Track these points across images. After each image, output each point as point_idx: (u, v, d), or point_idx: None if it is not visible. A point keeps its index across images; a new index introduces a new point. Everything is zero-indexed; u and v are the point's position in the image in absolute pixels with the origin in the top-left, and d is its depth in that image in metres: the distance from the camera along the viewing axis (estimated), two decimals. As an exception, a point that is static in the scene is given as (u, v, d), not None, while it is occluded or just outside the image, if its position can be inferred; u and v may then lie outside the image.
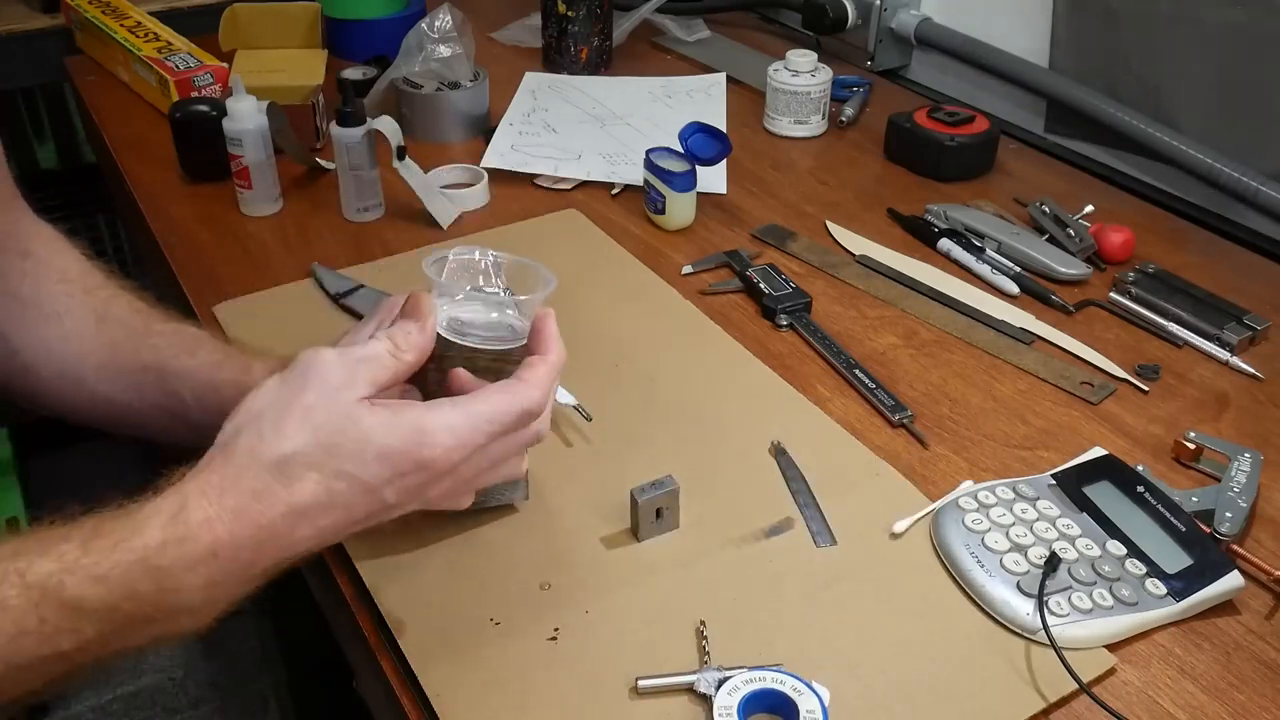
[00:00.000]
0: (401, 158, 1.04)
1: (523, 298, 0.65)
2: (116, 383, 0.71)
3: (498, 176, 1.12)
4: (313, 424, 0.53)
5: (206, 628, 0.54)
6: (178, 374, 0.70)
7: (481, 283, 0.67)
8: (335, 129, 1.02)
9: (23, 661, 0.48)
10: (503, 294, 0.66)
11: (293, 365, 0.56)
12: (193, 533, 0.51)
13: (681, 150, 1.05)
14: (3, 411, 1.58)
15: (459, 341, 0.63)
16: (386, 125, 1.03)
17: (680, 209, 1.05)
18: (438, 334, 0.61)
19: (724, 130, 1.17)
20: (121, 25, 1.37)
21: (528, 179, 1.14)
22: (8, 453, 1.64)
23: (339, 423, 0.54)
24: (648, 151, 1.06)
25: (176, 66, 1.26)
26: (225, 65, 1.29)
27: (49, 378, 0.71)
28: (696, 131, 1.06)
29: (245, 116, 1.02)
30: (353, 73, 1.30)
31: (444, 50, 1.20)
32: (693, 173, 1.04)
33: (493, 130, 1.21)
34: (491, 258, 0.67)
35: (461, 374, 0.61)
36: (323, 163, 1.13)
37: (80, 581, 0.49)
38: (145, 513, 0.52)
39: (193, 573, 0.51)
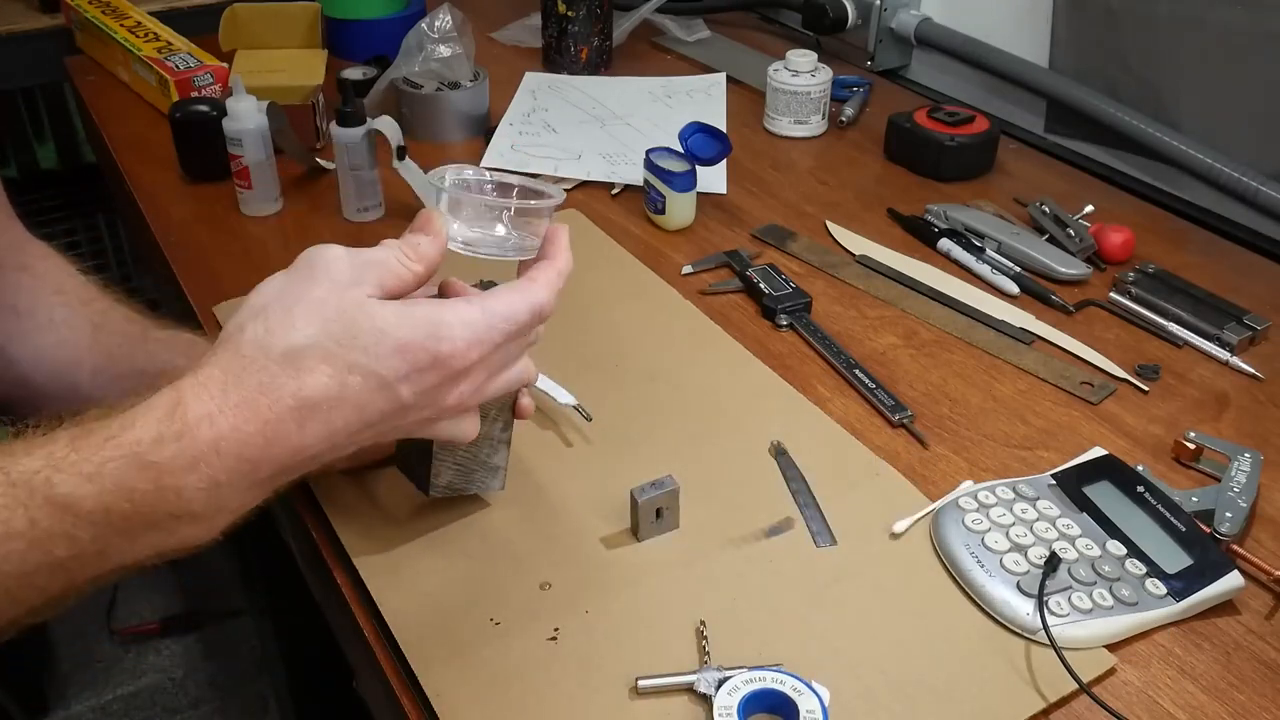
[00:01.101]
0: (401, 158, 1.04)
1: (531, 203, 0.63)
2: (112, 388, 0.70)
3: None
4: (323, 316, 0.51)
5: (212, 539, 0.50)
6: (173, 378, 0.70)
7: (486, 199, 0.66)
8: (335, 129, 1.02)
9: (14, 569, 0.45)
10: (510, 208, 0.65)
11: (298, 261, 0.54)
12: (190, 428, 0.48)
13: (681, 150, 1.05)
14: (3, 412, 1.57)
15: (471, 254, 0.62)
16: (386, 125, 1.03)
17: (680, 209, 1.05)
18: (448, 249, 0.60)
19: (724, 130, 1.17)
20: (121, 25, 1.37)
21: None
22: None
23: (352, 314, 0.51)
24: (648, 151, 1.06)
25: (176, 66, 1.26)
26: (225, 65, 1.29)
27: (43, 383, 0.71)
28: (696, 131, 1.06)
29: (245, 116, 1.02)
30: (353, 73, 1.30)
31: (444, 50, 1.20)
32: (693, 173, 1.04)
33: (493, 130, 1.21)
34: (489, 177, 0.66)
35: (455, 283, 0.60)
36: (323, 163, 1.13)
37: (70, 479, 0.46)
38: (137, 410, 0.48)
39: (193, 471, 0.48)
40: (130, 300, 0.76)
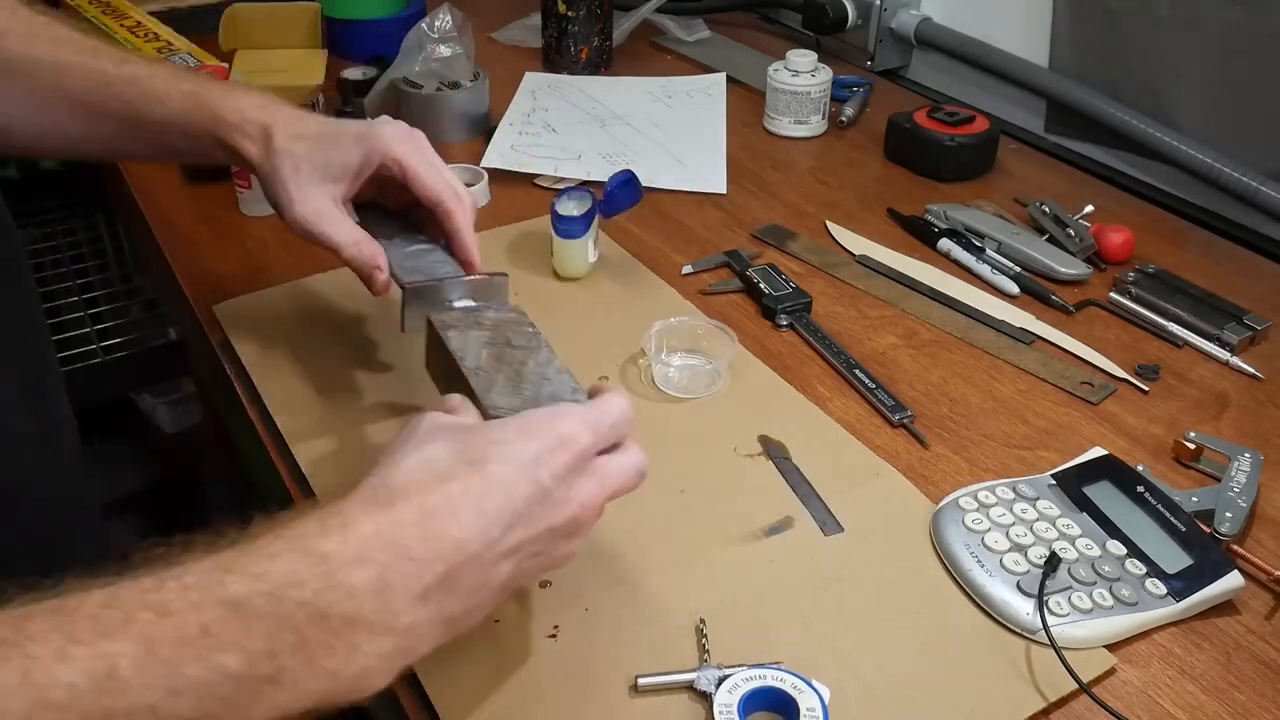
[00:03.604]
0: (401, 158, 1.04)
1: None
2: (89, 129, 0.73)
3: (498, 176, 1.12)
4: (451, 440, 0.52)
5: (386, 677, 0.46)
6: (152, 125, 0.73)
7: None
8: (335, 129, 1.01)
9: (181, 685, 0.40)
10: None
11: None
12: (352, 521, 0.46)
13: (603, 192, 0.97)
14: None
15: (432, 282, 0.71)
16: (386, 125, 1.03)
17: (569, 257, 0.95)
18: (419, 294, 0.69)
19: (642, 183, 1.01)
20: (121, 25, 1.37)
21: (528, 179, 1.14)
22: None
23: (470, 431, 0.53)
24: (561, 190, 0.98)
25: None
26: (225, 65, 1.28)
27: (21, 135, 0.74)
28: (625, 183, 0.97)
29: (245, 116, 1.02)
30: (353, 73, 1.30)
31: (444, 50, 1.20)
32: (586, 219, 0.94)
33: (493, 130, 1.21)
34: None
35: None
36: (323, 163, 1.13)
37: (241, 579, 0.42)
38: (297, 512, 0.47)
39: (361, 565, 0.45)
40: (69, 20, 0.78)
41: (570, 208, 0.94)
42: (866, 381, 0.84)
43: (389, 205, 0.79)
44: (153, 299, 1.66)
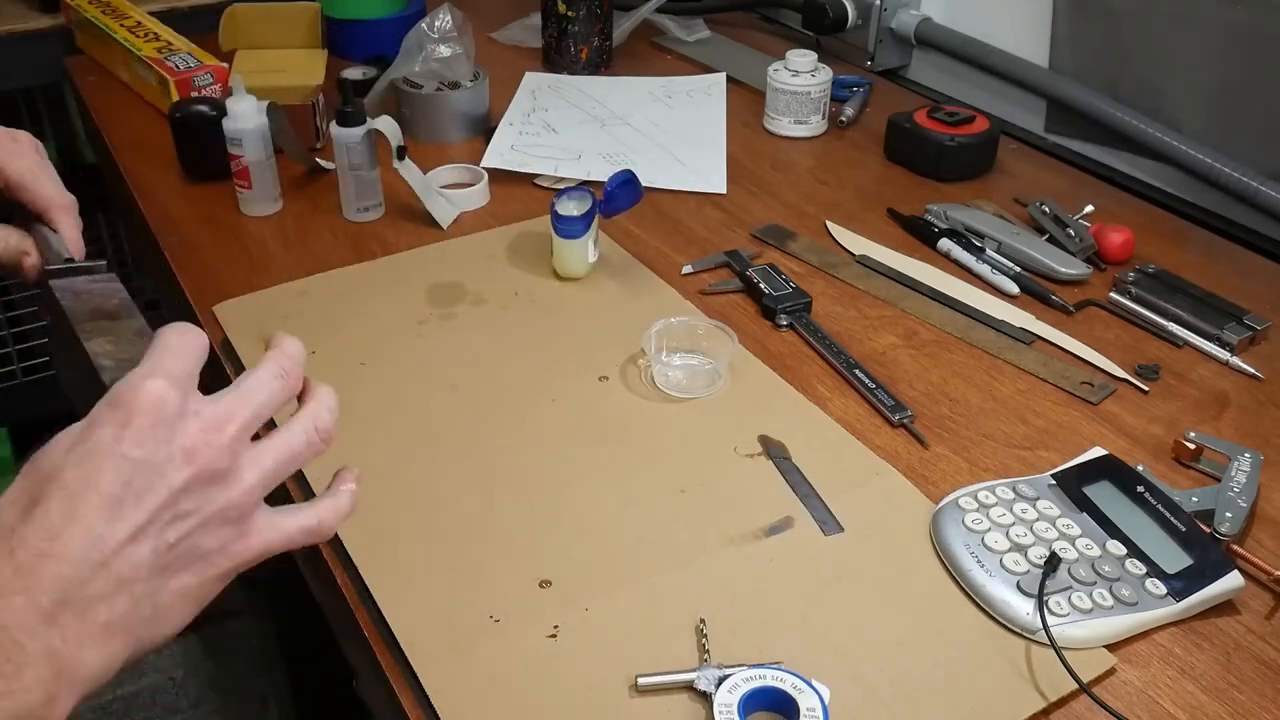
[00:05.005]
0: (401, 158, 1.04)
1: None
2: None
3: (498, 176, 1.12)
4: None
5: (67, 703, 0.44)
6: None
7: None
8: (335, 129, 1.02)
9: None
10: None
11: None
12: None
13: (604, 192, 0.96)
14: (3, 411, 1.58)
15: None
16: (386, 125, 1.03)
17: (569, 257, 0.95)
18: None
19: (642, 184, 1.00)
20: (121, 25, 1.37)
21: (528, 179, 1.14)
22: (7, 453, 1.64)
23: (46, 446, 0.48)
24: (562, 190, 0.98)
25: (176, 66, 1.26)
26: (225, 65, 1.29)
27: None
28: (625, 182, 0.97)
29: (245, 116, 1.02)
30: (353, 73, 1.30)
31: (444, 50, 1.20)
32: (587, 219, 0.94)
33: (493, 130, 1.21)
34: None
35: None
36: (323, 163, 1.13)
37: None
38: None
39: None
40: None
41: (570, 208, 0.94)
42: (866, 381, 0.84)
43: None
44: (153, 299, 1.66)
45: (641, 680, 0.59)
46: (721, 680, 0.58)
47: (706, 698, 0.58)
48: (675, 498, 0.72)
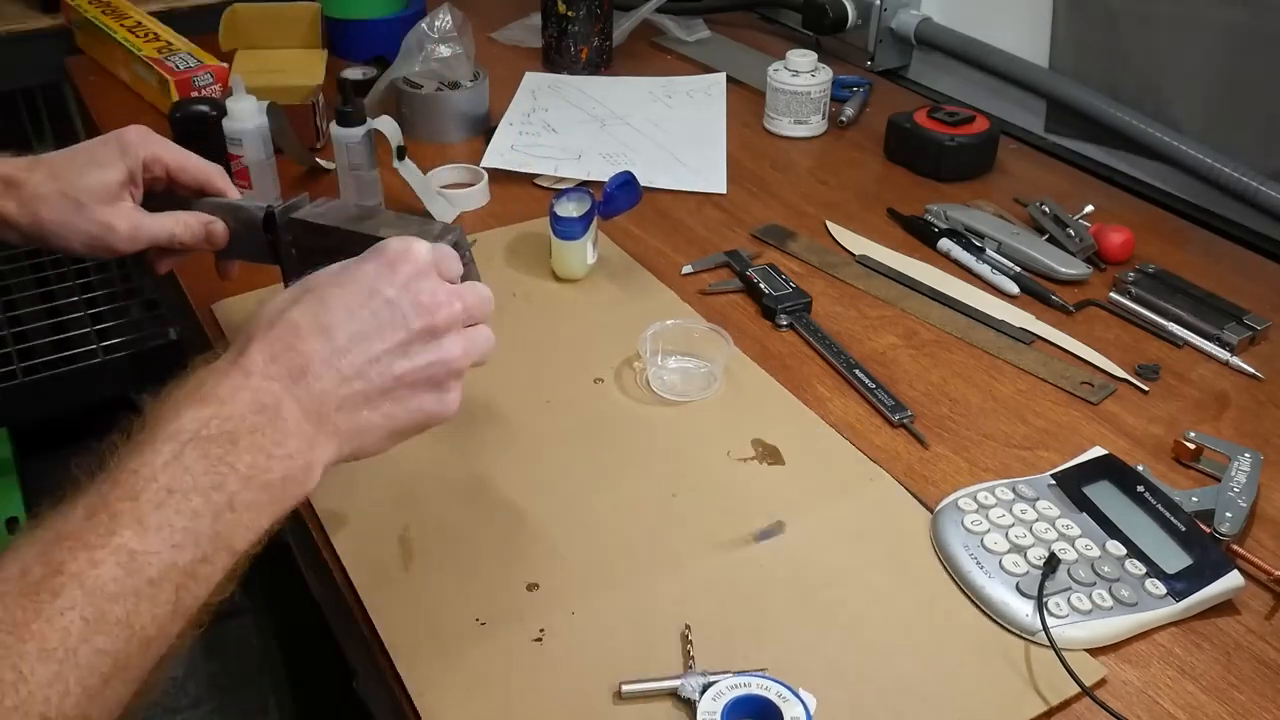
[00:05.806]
0: (401, 158, 1.04)
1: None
2: None
3: (498, 176, 1.12)
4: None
5: (304, 469, 0.51)
6: None
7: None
8: (335, 129, 1.02)
9: (178, 538, 0.46)
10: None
11: None
12: (224, 373, 0.52)
13: (603, 194, 0.96)
14: (3, 411, 1.58)
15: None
16: (386, 125, 1.03)
17: (568, 259, 0.95)
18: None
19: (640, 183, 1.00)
20: (121, 25, 1.37)
21: (528, 179, 1.14)
22: (8, 453, 1.64)
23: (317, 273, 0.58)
24: (561, 192, 0.98)
25: (176, 66, 1.26)
26: (225, 65, 1.29)
27: None
28: (625, 183, 0.97)
29: (245, 116, 1.02)
30: (353, 73, 1.30)
31: (444, 50, 1.20)
32: (586, 220, 0.94)
33: (493, 130, 1.21)
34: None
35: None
36: (323, 163, 1.13)
37: (165, 445, 0.48)
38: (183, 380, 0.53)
39: (240, 396, 0.51)
40: None
41: (569, 209, 0.94)
42: (866, 381, 0.84)
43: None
44: (153, 299, 1.66)
45: (625, 687, 0.58)
46: (706, 688, 0.57)
47: (690, 705, 0.57)
48: (667, 501, 0.72)
